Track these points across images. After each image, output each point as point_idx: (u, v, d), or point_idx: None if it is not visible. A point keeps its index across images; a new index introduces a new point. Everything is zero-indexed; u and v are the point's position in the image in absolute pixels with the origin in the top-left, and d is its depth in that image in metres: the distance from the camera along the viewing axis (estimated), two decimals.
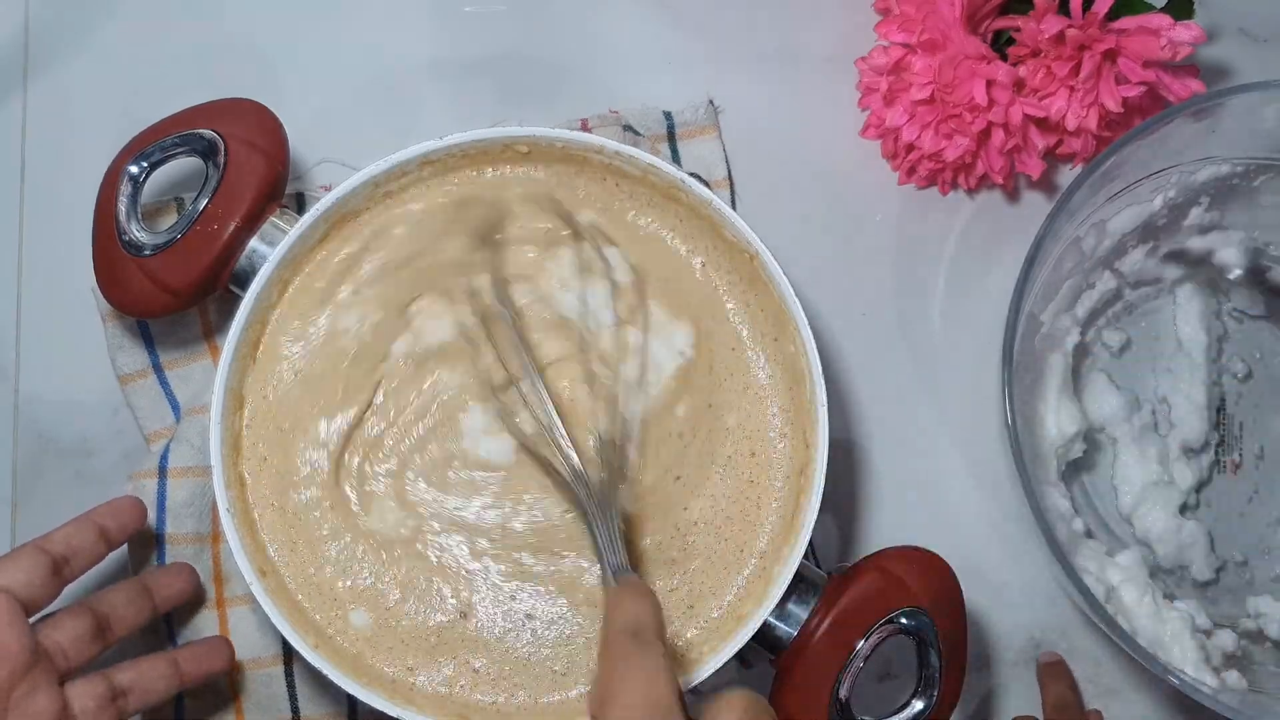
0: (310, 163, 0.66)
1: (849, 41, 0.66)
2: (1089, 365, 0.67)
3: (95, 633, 0.53)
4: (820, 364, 0.55)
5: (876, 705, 0.55)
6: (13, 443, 0.65)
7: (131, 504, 0.56)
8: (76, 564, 0.53)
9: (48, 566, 0.51)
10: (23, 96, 0.67)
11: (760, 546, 0.57)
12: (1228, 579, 0.66)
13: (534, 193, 0.58)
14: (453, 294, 0.57)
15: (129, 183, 0.57)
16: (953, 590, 0.57)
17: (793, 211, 0.67)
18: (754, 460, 0.58)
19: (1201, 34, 0.58)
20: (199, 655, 0.58)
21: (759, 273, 0.57)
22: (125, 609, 0.55)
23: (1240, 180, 0.64)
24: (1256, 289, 0.68)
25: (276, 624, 0.53)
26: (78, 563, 0.53)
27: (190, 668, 0.57)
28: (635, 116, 0.66)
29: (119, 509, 0.55)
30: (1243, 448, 0.67)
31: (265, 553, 0.56)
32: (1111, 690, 0.66)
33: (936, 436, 0.67)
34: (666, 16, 0.69)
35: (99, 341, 0.64)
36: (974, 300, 0.67)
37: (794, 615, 0.56)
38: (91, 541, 0.54)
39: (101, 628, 0.53)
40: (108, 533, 0.54)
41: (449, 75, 0.68)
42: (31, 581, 0.51)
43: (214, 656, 0.59)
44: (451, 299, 0.57)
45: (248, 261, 0.57)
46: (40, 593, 0.51)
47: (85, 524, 0.54)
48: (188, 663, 0.57)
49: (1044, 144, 0.63)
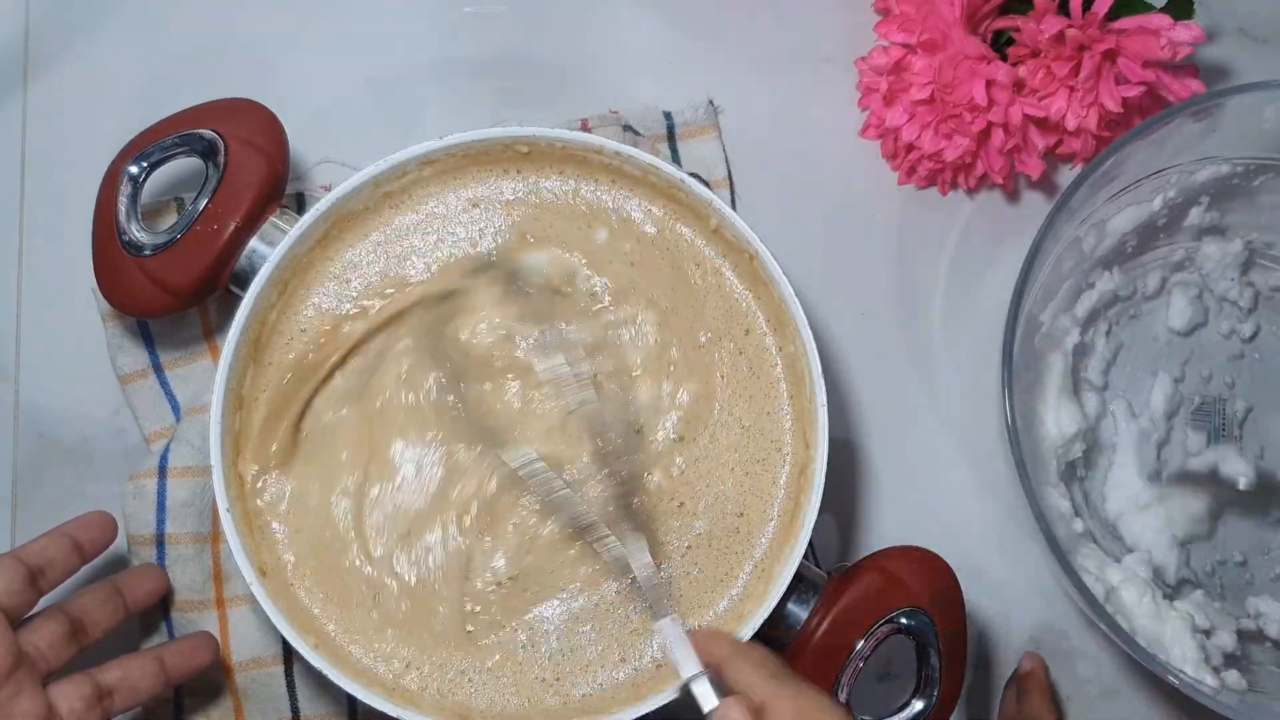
0: (310, 163, 0.66)
1: (849, 41, 0.66)
2: (1089, 366, 0.67)
3: (71, 635, 0.53)
4: (820, 364, 0.55)
5: (876, 705, 0.55)
6: (13, 443, 0.65)
7: (101, 519, 0.56)
8: (52, 575, 0.54)
9: (24, 576, 0.52)
10: (23, 96, 0.67)
11: (760, 546, 0.57)
12: (1228, 579, 0.66)
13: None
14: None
15: (129, 183, 0.57)
16: (953, 590, 0.57)
17: (793, 211, 0.67)
18: (754, 460, 0.58)
19: (1201, 34, 0.58)
20: (184, 651, 0.58)
21: (759, 273, 0.57)
22: (99, 611, 0.55)
23: (1240, 180, 0.64)
24: (1255, 289, 0.68)
25: (276, 624, 0.53)
26: (53, 574, 0.54)
27: (176, 664, 0.57)
28: (635, 116, 0.66)
29: (90, 524, 0.56)
30: (1242, 448, 0.67)
31: (265, 553, 0.56)
32: (1111, 690, 0.66)
33: (936, 436, 0.67)
34: (666, 16, 0.69)
35: (99, 341, 0.64)
36: (974, 300, 0.67)
37: (794, 615, 0.56)
38: (66, 554, 0.54)
39: (76, 630, 0.54)
40: (81, 546, 0.55)
41: (449, 75, 0.68)
42: (10, 590, 0.51)
43: (199, 652, 0.59)
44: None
45: (248, 261, 0.57)
46: (18, 600, 0.52)
47: (59, 537, 0.55)
48: (173, 659, 0.57)
49: (1044, 144, 0.63)
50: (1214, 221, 0.66)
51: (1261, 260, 0.68)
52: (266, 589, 0.54)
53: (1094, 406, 0.66)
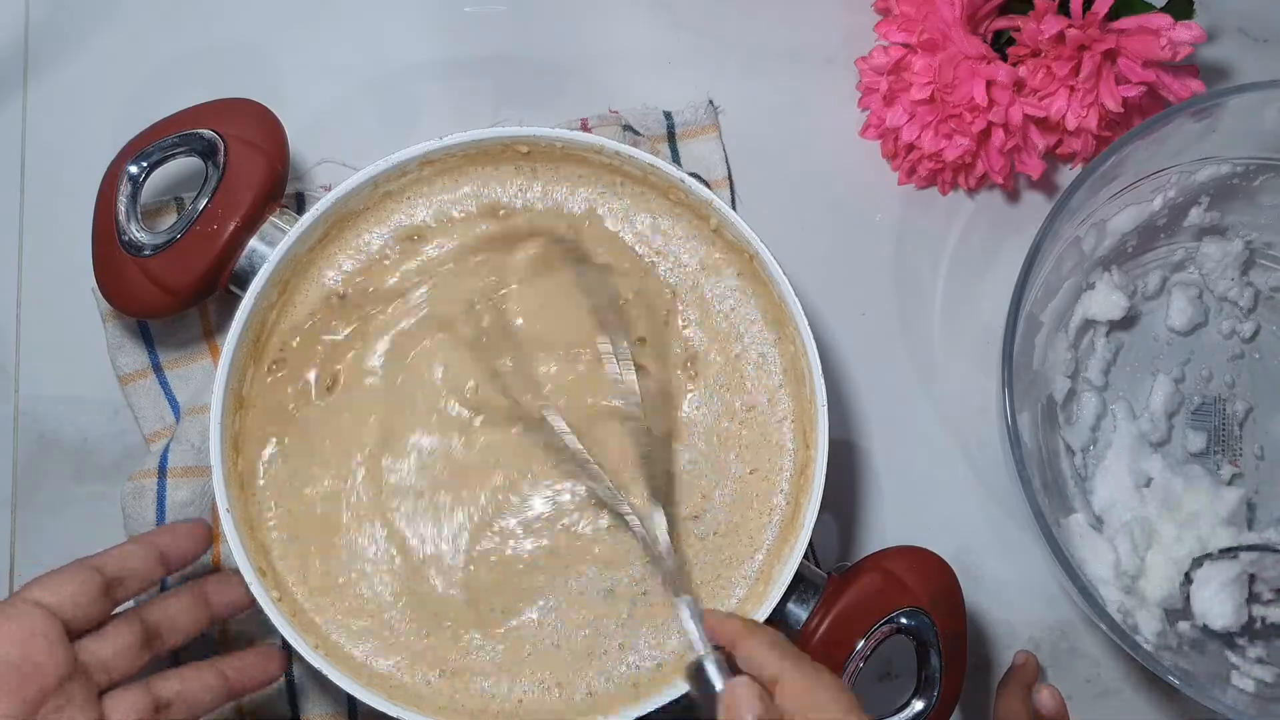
0: (310, 163, 0.66)
1: (849, 41, 0.66)
2: (1089, 366, 0.67)
3: (144, 642, 0.51)
4: (820, 364, 0.55)
5: (876, 705, 0.55)
6: (13, 443, 0.65)
7: (192, 530, 0.54)
8: (130, 585, 0.51)
9: (97, 586, 0.50)
10: (23, 96, 0.67)
11: (760, 546, 0.57)
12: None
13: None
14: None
15: (129, 183, 0.57)
16: (953, 590, 0.57)
17: (793, 211, 0.67)
18: (754, 460, 0.58)
19: (1201, 34, 0.58)
20: (250, 665, 0.55)
21: (759, 273, 0.57)
22: (179, 618, 0.53)
23: (1240, 180, 0.64)
24: (1255, 289, 0.68)
25: (276, 624, 0.53)
26: (132, 584, 0.51)
27: (240, 679, 0.54)
28: (635, 116, 0.66)
29: (180, 533, 0.53)
30: (1242, 448, 0.67)
31: (265, 553, 0.56)
32: (1111, 690, 0.66)
33: (936, 436, 0.67)
34: (666, 16, 0.69)
35: (99, 341, 0.64)
36: (974, 300, 0.67)
37: (794, 615, 0.56)
38: (149, 565, 0.52)
39: (151, 637, 0.52)
40: (167, 557, 0.53)
41: (449, 75, 0.68)
42: (76, 600, 0.49)
43: (267, 665, 0.56)
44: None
45: (247, 261, 0.57)
46: (86, 611, 0.49)
47: (144, 545, 0.52)
48: (237, 674, 0.54)
49: (1044, 144, 0.63)
50: (1214, 221, 0.66)
51: (1261, 260, 0.68)
52: (266, 589, 0.54)
53: (1094, 406, 0.66)
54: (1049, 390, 0.65)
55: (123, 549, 0.51)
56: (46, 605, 0.48)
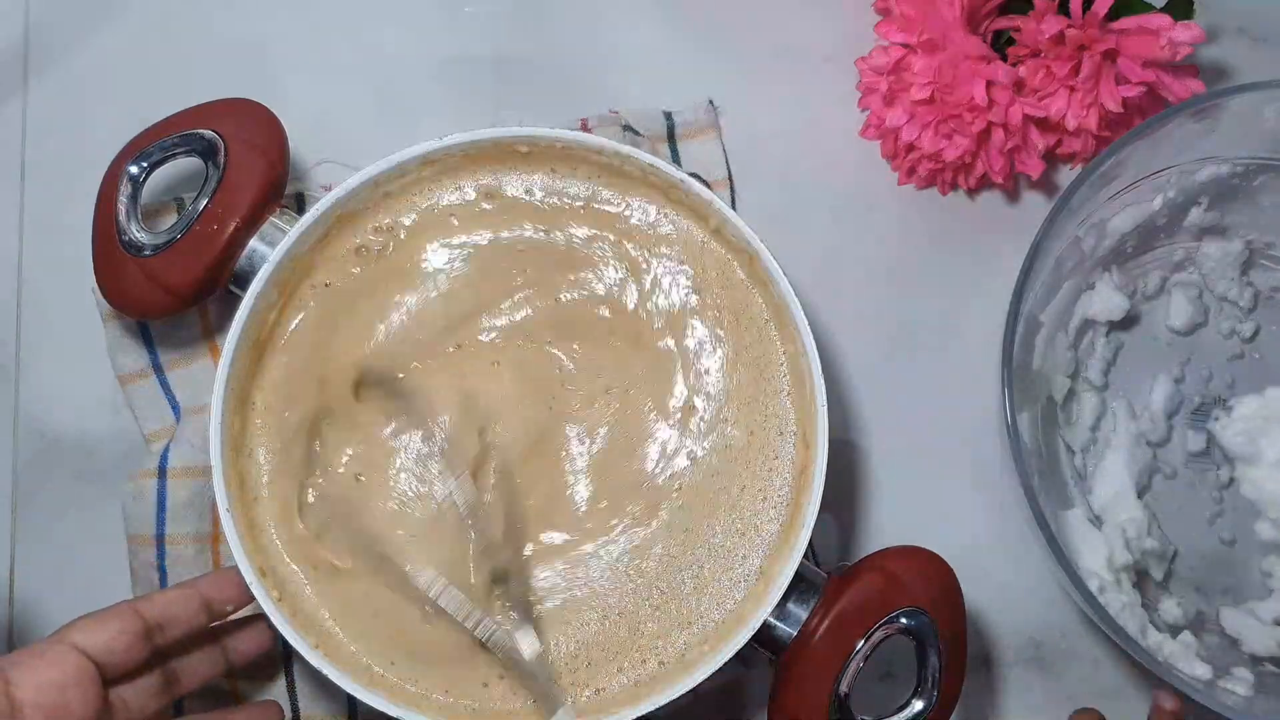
0: (310, 163, 0.66)
1: (849, 41, 0.66)
2: (1089, 366, 0.67)
3: (164, 686, 0.52)
4: (820, 364, 0.55)
5: (876, 705, 0.55)
6: (13, 442, 0.65)
7: (234, 579, 0.54)
8: (171, 632, 0.52)
9: (139, 631, 0.50)
10: (23, 96, 0.67)
11: (760, 547, 0.57)
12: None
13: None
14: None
15: (129, 183, 0.57)
16: (953, 590, 0.57)
17: (793, 211, 0.67)
18: (754, 460, 0.58)
19: (1201, 34, 0.58)
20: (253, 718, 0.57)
21: (759, 273, 0.57)
22: (199, 665, 0.54)
23: (1240, 180, 0.64)
24: (1255, 289, 0.68)
25: (276, 624, 0.53)
26: (173, 631, 0.52)
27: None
28: (635, 116, 0.66)
29: (225, 582, 0.54)
30: None
31: (266, 554, 0.56)
32: (1111, 690, 0.66)
33: (936, 436, 0.67)
34: (666, 16, 0.69)
35: (99, 341, 0.64)
36: (974, 300, 0.67)
37: (794, 615, 0.56)
38: (192, 612, 0.52)
39: (170, 681, 0.52)
40: (211, 604, 0.53)
41: (449, 75, 0.68)
42: (114, 646, 0.49)
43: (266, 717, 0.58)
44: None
45: (248, 261, 0.57)
46: (125, 657, 0.49)
47: (189, 593, 0.53)
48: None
49: (1044, 144, 0.63)
50: (1214, 221, 0.66)
51: (1261, 260, 0.68)
52: (267, 589, 0.54)
53: (1094, 406, 0.66)
54: (1049, 390, 0.65)
55: (167, 595, 0.52)
56: (85, 649, 0.48)
